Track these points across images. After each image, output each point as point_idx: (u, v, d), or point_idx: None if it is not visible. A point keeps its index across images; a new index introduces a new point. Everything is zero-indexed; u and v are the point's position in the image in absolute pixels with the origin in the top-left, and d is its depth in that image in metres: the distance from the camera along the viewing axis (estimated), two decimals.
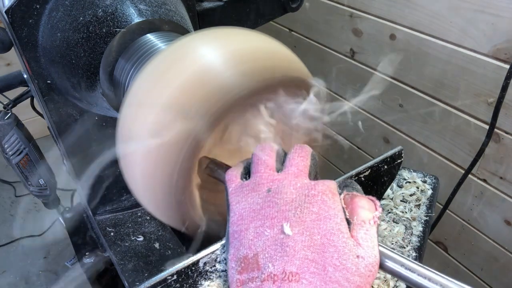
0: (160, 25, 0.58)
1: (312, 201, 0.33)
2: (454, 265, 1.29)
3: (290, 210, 0.33)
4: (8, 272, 1.75)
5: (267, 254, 0.32)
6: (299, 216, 0.33)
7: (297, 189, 0.35)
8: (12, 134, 0.82)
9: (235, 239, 0.35)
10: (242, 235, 0.34)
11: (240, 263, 0.33)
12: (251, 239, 0.33)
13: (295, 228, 0.32)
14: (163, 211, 0.44)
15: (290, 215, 0.33)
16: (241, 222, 0.35)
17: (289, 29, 1.59)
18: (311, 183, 0.35)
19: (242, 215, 0.35)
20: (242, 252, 0.33)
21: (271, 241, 0.32)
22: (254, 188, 0.36)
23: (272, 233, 0.33)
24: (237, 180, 0.39)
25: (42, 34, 0.58)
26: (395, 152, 0.58)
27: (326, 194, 0.34)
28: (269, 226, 0.33)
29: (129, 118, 0.42)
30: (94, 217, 0.77)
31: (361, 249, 0.32)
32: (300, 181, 0.36)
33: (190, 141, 0.39)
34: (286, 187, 0.35)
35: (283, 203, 0.34)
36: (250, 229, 0.34)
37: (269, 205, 0.34)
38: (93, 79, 0.59)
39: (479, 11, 0.94)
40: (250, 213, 0.35)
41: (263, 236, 0.33)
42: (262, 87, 0.40)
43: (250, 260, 0.32)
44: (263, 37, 0.45)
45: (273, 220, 0.33)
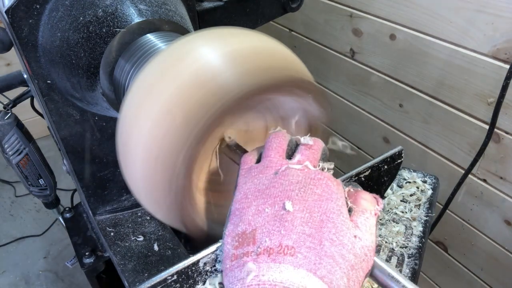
0: (160, 25, 0.58)
1: (317, 184, 0.34)
2: (454, 265, 1.29)
3: (294, 190, 0.34)
4: (8, 272, 1.75)
5: (265, 229, 0.32)
6: (301, 196, 0.34)
7: (304, 173, 0.36)
8: (12, 134, 0.83)
9: (235, 216, 0.35)
10: (243, 212, 0.35)
11: (238, 239, 0.33)
12: (251, 216, 0.34)
13: (296, 205, 0.33)
14: (163, 212, 0.44)
15: (293, 195, 0.34)
16: (244, 201, 0.36)
17: (289, 29, 1.59)
18: (317, 170, 0.36)
19: (247, 194, 0.36)
20: (240, 227, 0.34)
21: (270, 217, 0.33)
22: (262, 171, 0.37)
23: (272, 210, 0.33)
24: (251, 163, 0.40)
25: (42, 34, 0.58)
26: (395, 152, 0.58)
27: (331, 180, 0.35)
28: (270, 204, 0.34)
29: (129, 118, 0.42)
30: (94, 217, 0.77)
31: (359, 231, 0.33)
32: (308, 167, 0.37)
33: (190, 141, 0.39)
34: (293, 171, 0.36)
35: (288, 183, 0.35)
36: (252, 207, 0.35)
37: (274, 185, 0.35)
38: (93, 79, 0.59)
39: (479, 11, 0.94)
40: (255, 193, 0.36)
41: (263, 213, 0.34)
42: (262, 87, 0.40)
43: (248, 235, 0.33)
44: (263, 37, 0.45)
45: (276, 199, 0.34)
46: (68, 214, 0.94)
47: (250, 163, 0.40)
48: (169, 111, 0.39)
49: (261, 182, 0.36)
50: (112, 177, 0.76)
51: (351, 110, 1.45)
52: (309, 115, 0.49)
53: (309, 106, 0.47)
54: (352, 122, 1.48)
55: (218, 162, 0.48)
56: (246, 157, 0.41)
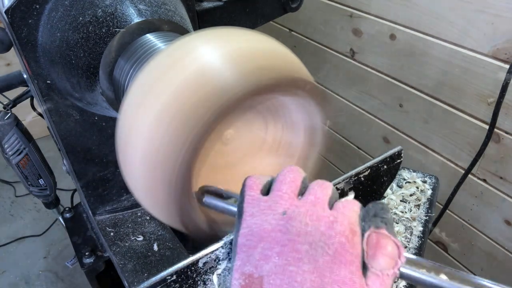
0: (160, 25, 0.57)
1: (328, 243, 0.31)
2: (454, 265, 1.29)
3: (303, 244, 0.32)
4: (8, 272, 1.75)
5: (273, 282, 0.31)
6: (311, 254, 0.31)
7: (313, 221, 0.33)
8: (12, 134, 0.82)
9: (243, 252, 0.34)
10: (250, 252, 0.33)
11: (244, 279, 0.32)
12: (257, 259, 0.32)
13: (306, 265, 0.31)
14: (163, 212, 0.44)
15: (302, 250, 0.31)
16: (250, 238, 0.34)
17: (289, 29, 1.59)
18: (329, 218, 0.33)
19: (253, 231, 0.34)
20: (247, 268, 0.33)
21: (278, 269, 0.31)
22: (271, 206, 0.35)
23: (280, 262, 0.32)
24: (257, 190, 0.37)
25: (42, 34, 0.58)
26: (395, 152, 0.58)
27: (346, 235, 0.32)
28: (278, 253, 0.32)
29: (129, 118, 0.42)
30: (94, 217, 0.77)
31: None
32: (317, 212, 0.34)
33: (189, 142, 0.39)
34: (302, 216, 0.33)
35: (295, 232, 0.32)
36: (258, 248, 0.33)
37: (280, 229, 0.33)
38: (93, 79, 0.59)
39: (479, 11, 0.94)
40: (260, 232, 0.34)
41: (270, 261, 0.32)
42: (261, 87, 0.40)
43: (255, 280, 0.32)
44: (263, 37, 0.45)
45: (284, 248, 0.32)
46: (68, 214, 0.94)
47: (256, 189, 0.37)
48: (168, 111, 0.39)
49: (267, 221, 0.34)
50: (112, 177, 0.76)
51: (351, 110, 1.45)
52: (309, 115, 0.49)
53: (309, 106, 0.47)
54: (352, 122, 1.48)
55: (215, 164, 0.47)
56: (252, 180, 0.38)
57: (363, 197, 0.60)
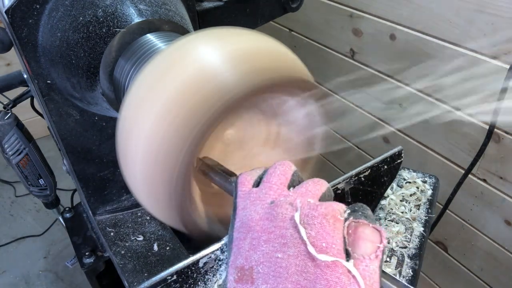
0: (160, 25, 0.58)
1: (310, 223, 0.32)
2: (454, 265, 1.29)
3: (288, 229, 0.32)
4: (8, 272, 1.75)
5: (261, 270, 0.32)
6: (295, 238, 0.32)
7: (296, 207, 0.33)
8: (12, 134, 0.82)
9: (235, 246, 0.34)
10: (240, 244, 0.34)
11: (237, 272, 0.33)
12: (247, 250, 0.33)
13: (290, 249, 0.31)
14: (163, 212, 0.44)
15: (287, 234, 0.32)
16: (241, 230, 0.35)
17: (289, 29, 1.59)
18: (314, 204, 0.34)
19: (243, 223, 0.35)
20: (239, 261, 0.33)
21: (265, 257, 0.32)
22: (260, 197, 0.36)
23: (267, 249, 0.32)
24: (249, 185, 0.38)
25: (42, 34, 0.58)
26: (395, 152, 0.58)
27: (327, 218, 0.32)
28: (265, 241, 0.33)
29: (129, 118, 0.42)
30: (94, 217, 0.77)
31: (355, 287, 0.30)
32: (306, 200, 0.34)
33: (189, 142, 0.39)
34: (288, 203, 0.34)
35: (281, 218, 0.33)
36: (247, 239, 0.34)
37: (267, 217, 0.34)
38: (93, 79, 0.59)
39: (479, 11, 0.94)
40: (249, 222, 0.34)
41: (258, 249, 0.32)
42: (262, 87, 0.40)
43: (246, 272, 0.32)
44: (263, 37, 0.45)
45: (270, 235, 0.33)
46: (68, 214, 0.94)
47: (248, 185, 0.38)
48: (169, 111, 0.39)
49: (256, 211, 0.35)
50: (112, 177, 0.76)
51: (351, 110, 1.45)
52: (309, 114, 0.49)
53: (309, 106, 0.48)
54: (352, 122, 1.48)
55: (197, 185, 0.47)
56: (243, 178, 0.39)
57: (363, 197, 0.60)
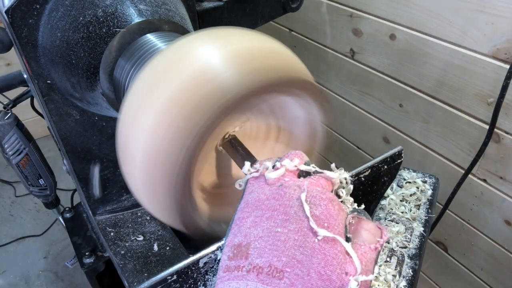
0: (160, 25, 0.58)
1: (316, 204, 0.33)
2: (454, 265, 1.29)
3: (292, 207, 0.33)
4: (8, 272, 1.75)
5: (258, 245, 0.32)
6: (298, 215, 0.32)
7: (303, 189, 0.34)
8: (12, 134, 0.83)
9: (236, 225, 0.35)
10: (242, 222, 0.34)
11: (233, 250, 0.33)
12: (248, 227, 0.33)
13: (292, 224, 0.32)
14: (163, 212, 0.44)
15: (291, 212, 0.33)
16: (245, 210, 0.35)
17: (289, 29, 1.59)
18: (322, 190, 0.34)
19: (248, 203, 0.35)
20: (237, 239, 0.33)
21: (265, 232, 0.32)
22: (269, 181, 0.36)
23: (268, 225, 0.33)
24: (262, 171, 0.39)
25: (42, 34, 0.58)
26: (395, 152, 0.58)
27: (333, 203, 0.33)
28: (267, 217, 0.33)
29: (129, 118, 0.42)
30: (94, 217, 0.77)
31: (351, 267, 0.30)
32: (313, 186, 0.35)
33: (190, 142, 0.39)
34: (296, 186, 0.35)
35: (287, 197, 0.34)
36: (250, 217, 0.34)
37: (274, 197, 0.34)
38: (93, 79, 0.59)
39: (479, 11, 0.94)
40: (255, 202, 0.35)
41: (259, 226, 0.33)
42: (262, 87, 0.40)
43: (243, 248, 0.32)
44: (263, 37, 0.45)
45: (274, 212, 0.33)
46: (68, 214, 0.94)
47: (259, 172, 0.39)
48: (169, 111, 0.39)
49: (264, 192, 0.35)
50: (112, 177, 0.76)
51: (351, 110, 1.45)
52: (309, 115, 0.49)
53: (309, 106, 0.48)
54: (352, 122, 1.48)
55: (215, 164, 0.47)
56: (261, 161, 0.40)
57: (364, 197, 0.60)
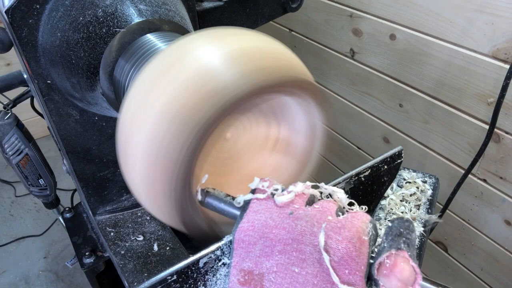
0: (160, 25, 0.58)
1: (334, 248, 0.30)
2: (454, 265, 1.29)
3: (307, 245, 0.31)
4: (8, 272, 1.75)
5: (273, 279, 0.31)
6: (315, 257, 0.30)
7: (321, 224, 0.32)
8: (12, 134, 0.83)
9: (241, 248, 0.34)
10: (250, 248, 0.33)
11: (244, 275, 0.32)
12: (258, 256, 0.32)
13: (309, 267, 0.30)
14: (163, 212, 0.44)
15: (306, 251, 0.31)
16: (251, 234, 0.34)
17: (289, 29, 1.59)
18: (337, 224, 0.32)
19: (254, 226, 0.34)
20: (247, 264, 0.33)
21: (280, 268, 0.31)
22: (278, 206, 0.35)
23: (282, 261, 0.31)
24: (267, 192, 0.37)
25: (42, 34, 0.58)
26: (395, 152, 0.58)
27: (353, 243, 0.30)
28: (280, 251, 0.32)
29: (129, 118, 0.42)
30: (94, 217, 0.77)
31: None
32: (325, 217, 0.33)
33: (190, 142, 0.39)
34: (309, 217, 0.33)
35: (300, 231, 0.32)
36: (258, 245, 0.33)
37: (285, 227, 0.33)
38: (93, 79, 0.59)
39: (479, 11, 0.94)
40: (262, 228, 0.33)
41: (271, 258, 0.31)
42: (262, 87, 0.40)
43: (255, 277, 0.31)
44: (263, 37, 0.45)
45: (286, 247, 0.31)
46: (68, 214, 0.94)
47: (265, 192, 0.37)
48: (169, 111, 0.39)
49: (271, 217, 0.34)
50: (112, 177, 0.76)
51: (351, 110, 1.45)
52: (309, 114, 0.49)
53: (309, 106, 0.47)
54: (352, 122, 1.48)
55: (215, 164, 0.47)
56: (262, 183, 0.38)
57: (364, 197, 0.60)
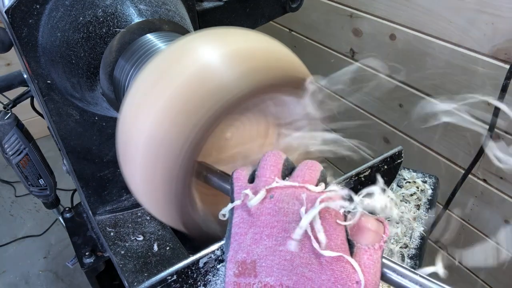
0: (160, 25, 0.58)
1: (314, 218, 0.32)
2: (454, 265, 1.29)
3: (291, 223, 0.32)
4: (8, 272, 1.75)
5: (264, 264, 0.32)
6: None
7: (300, 200, 0.33)
8: (12, 134, 0.83)
9: (235, 241, 0.34)
10: (241, 239, 0.34)
11: (238, 267, 0.33)
12: (249, 245, 0.33)
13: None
14: (163, 212, 0.44)
15: (290, 228, 0.32)
16: (241, 225, 0.34)
17: (289, 29, 1.59)
18: (315, 196, 0.34)
19: (243, 218, 0.35)
20: (240, 255, 0.33)
21: (269, 251, 0.32)
22: (256, 192, 0.35)
23: (270, 243, 0.32)
24: (245, 180, 0.38)
25: (42, 34, 0.58)
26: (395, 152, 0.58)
27: (329, 211, 0.32)
28: (268, 235, 0.33)
29: (129, 118, 0.42)
30: (94, 217, 0.77)
31: (360, 275, 0.30)
32: (303, 191, 0.34)
33: (189, 142, 0.39)
34: (289, 197, 0.34)
35: (283, 213, 0.33)
36: (248, 234, 0.34)
37: (269, 212, 0.34)
38: (93, 79, 0.59)
39: (479, 11, 0.94)
40: (249, 217, 0.34)
41: (261, 243, 0.32)
42: (261, 87, 0.40)
43: (248, 265, 0.32)
44: (263, 37, 0.45)
45: (273, 230, 0.33)
46: (68, 214, 0.94)
47: (243, 180, 0.38)
48: (169, 111, 0.39)
49: (257, 207, 0.34)
50: (112, 177, 0.76)
51: (351, 110, 1.45)
52: (309, 115, 0.49)
53: (309, 106, 0.48)
54: (352, 122, 1.48)
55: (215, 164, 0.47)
56: (238, 173, 0.39)
57: None
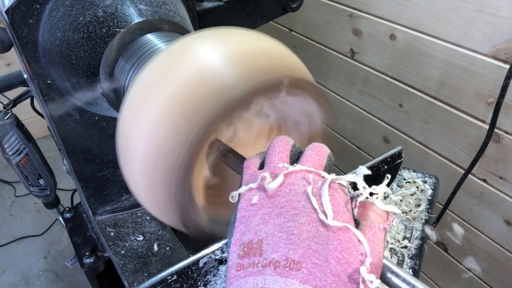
0: (160, 25, 0.58)
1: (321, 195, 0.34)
2: (454, 265, 1.29)
3: (300, 201, 0.34)
4: (8, 272, 1.75)
5: (271, 241, 0.32)
6: (307, 208, 0.33)
7: (308, 180, 0.35)
8: (12, 134, 0.83)
9: (241, 223, 0.35)
10: (250, 221, 0.34)
11: (243, 248, 0.33)
12: (257, 225, 0.34)
13: (302, 217, 0.33)
14: (164, 212, 0.44)
15: (299, 206, 0.33)
16: (250, 208, 0.35)
17: (289, 29, 1.59)
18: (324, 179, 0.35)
19: (259, 200, 0.36)
20: (247, 236, 0.34)
21: (277, 228, 0.33)
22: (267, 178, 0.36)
23: (278, 221, 0.33)
24: (254, 168, 0.39)
25: (42, 34, 0.58)
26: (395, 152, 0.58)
27: (338, 191, 0.34)
28: (277, 214, 0.33)
29: (129, 118, 0.42)
30: (94, 217, 0.77)
31: (366, 247, 0.32)
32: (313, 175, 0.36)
33: (190, 142, 0.39)
34: (299, 180, 0.35)
35: (293, 193, 0.34)
36: (257, 215, 0.34)
37: (279, 194, 0.35)
38: (93, 79, 0.59)
39: (479, 11, 0.94)
40: (260, 200, 0.35)
41: (269, 222, 0.33)
42: (262, 87, 0.40)
43: (254, 245, 0.33)
44: (263, 37, 0.45)
45: (282, 209, 0.34)
46: (68, 214, 0.94)
47: (253, 168, 0.39)
48: (169, 111, 0.39)
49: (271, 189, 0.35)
50: (112, 177, 0.76)
51: (351, 110, 1.45)
52: (309, 115, 0.49)
53: (310, 106, 0.48)
54: (352, 122, 1.48)
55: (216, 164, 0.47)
56: (249, 162, 0.40)
57: None
